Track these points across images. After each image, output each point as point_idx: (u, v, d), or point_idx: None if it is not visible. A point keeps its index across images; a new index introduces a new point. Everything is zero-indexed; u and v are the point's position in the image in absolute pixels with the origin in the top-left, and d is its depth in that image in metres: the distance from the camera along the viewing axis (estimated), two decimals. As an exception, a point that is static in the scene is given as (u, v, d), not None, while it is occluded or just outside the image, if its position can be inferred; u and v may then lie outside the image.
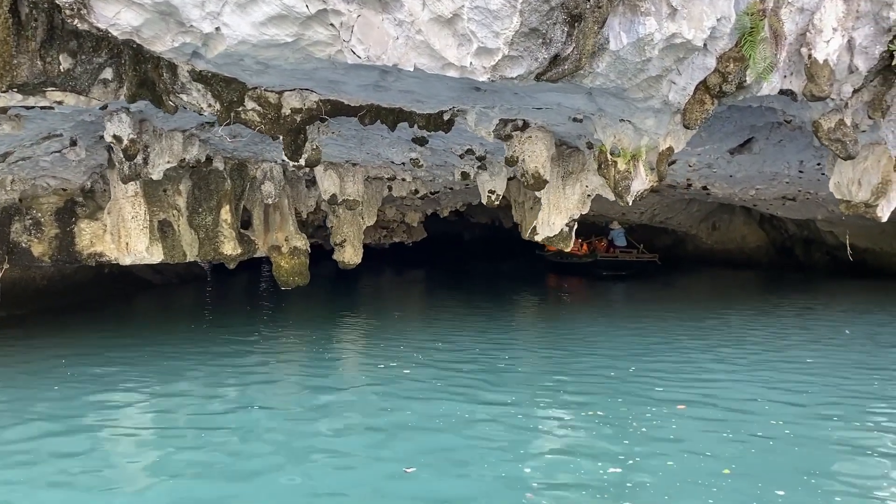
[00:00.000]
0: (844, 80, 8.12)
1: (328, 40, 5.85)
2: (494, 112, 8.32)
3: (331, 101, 7.41)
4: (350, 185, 12.15)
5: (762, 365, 10.27)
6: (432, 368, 9.73)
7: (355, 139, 10.26)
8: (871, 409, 8.06)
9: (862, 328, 13.87)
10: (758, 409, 7.97)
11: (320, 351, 11.11)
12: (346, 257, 14.28)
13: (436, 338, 12.16)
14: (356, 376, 9.50)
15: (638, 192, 8.66)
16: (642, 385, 8.94)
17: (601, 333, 12.67)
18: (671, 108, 7.88)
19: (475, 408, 7.86)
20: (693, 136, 12.06)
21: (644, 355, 10.73)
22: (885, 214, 10.29)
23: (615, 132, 8.49)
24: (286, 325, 13.79)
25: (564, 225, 10.30)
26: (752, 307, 16.69)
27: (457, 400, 8.17)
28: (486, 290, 21.73)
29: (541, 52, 6.18)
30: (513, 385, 8.91)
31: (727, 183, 17.04)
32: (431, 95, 7.50)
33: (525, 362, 10.27)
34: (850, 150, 8.86)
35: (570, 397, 8.39)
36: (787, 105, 9.14)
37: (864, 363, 10.41)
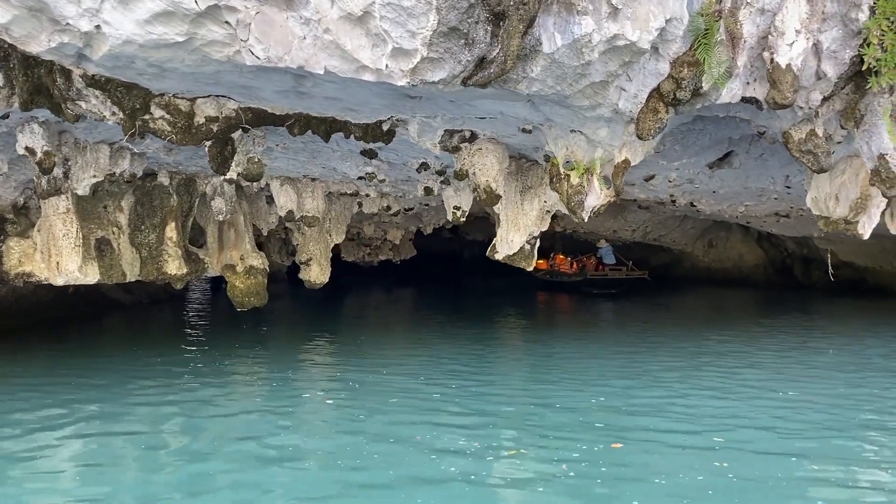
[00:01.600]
0: (812, 86, 7.54)
1: (225, 40, 5.33)
2: (437, 122, 7.78)
3: (251, 108, 6.88)
4: (309, 201, 11.62)
5: (737, 395, 9.61)
6: (360, 399, 9.16)
7: (305, 152, 9.74)
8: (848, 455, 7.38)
9: (854, 356, 13.19)
10: (720, 446, 7.34)
11: (265, 379, 10.65)
12: (313, 276, 13.72)
13: (388, 362, 11.61)
14: (277, 404, 8.94)
15: (593, 207, 8.08)
16: (609, 415, 8.37)
17: (580, 360, 12.02)
18: (623, 117, 7.31)
19: (373, 446, 7.25)
20: (667, 150, 11.52)
21: (620, 383, 10.14)
22: (866, 232, 9.65)
23: (567, 144, 7.93)
24: (245, 348, 13.19)
25: (525, 242, 9.70)
26: (741, 330, 15.99)
27: (357, 434, 7.58)
28: (469, 310, 21.13)
29: (464, 54, 5.63)
30: (454, 429, 8.16)
31: (714, 199, 16.43)
32: (361, 103, 6.96)
33: (474, 396, 9.53)
34: (823, 162, 8.26)
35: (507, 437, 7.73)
36: (756, 115, 8.56)
37: (849, 399, 9.61)
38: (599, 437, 7.56)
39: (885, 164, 7.76)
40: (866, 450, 7.32)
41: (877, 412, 8.70)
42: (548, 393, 9.56)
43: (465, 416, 8.39)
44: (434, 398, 9.26)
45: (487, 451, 7.05)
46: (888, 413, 8.59)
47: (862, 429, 7.99)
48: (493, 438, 7.52)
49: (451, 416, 8.43)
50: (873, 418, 8.41)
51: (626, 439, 7.50)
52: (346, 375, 10.81)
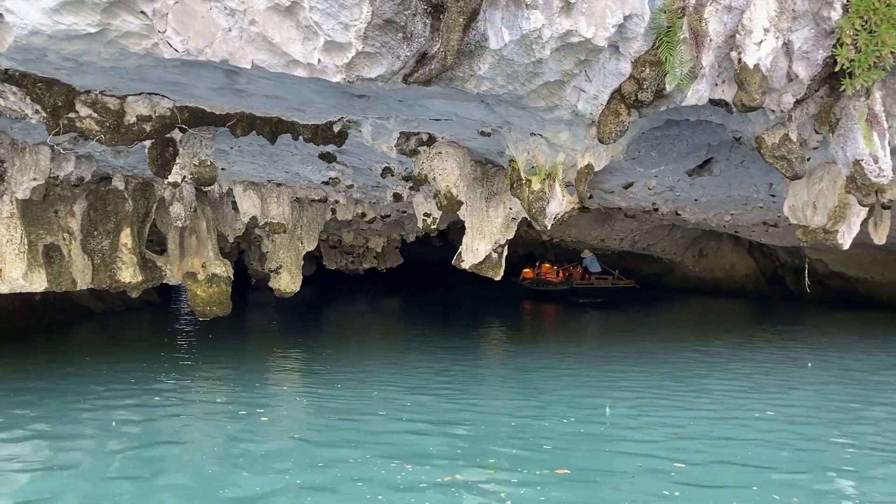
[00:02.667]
0: (784, 88, 7.18)
1: (142, 31, 4.96)
2: (392, 124, 7.41)
3: (188, 107, 6.51)
4: (274, 207, 11.24)
5: (709, 415, 9.15)
6: (301, 420, 8.75)
7: (263, 155, 9.37)
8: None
9: (835, 370, 12.80)
10: (677, 473, 6.92)
11: (214, 392, 10.29)
12: (283, 285, 13.33)
13: (347, 376, 11.21)
14: (209, 425, 8.51)
15: (556, 214, 7.71)
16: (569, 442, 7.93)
17: (553, 377, 11.52)
18: (584, 119, 6.95)
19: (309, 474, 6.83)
20: (644, 156, 11.16)
21: (589, 402, 9.69)
22: (846, 242, 9.28)
23: (528, 148, 7.57)
24: (210, 360, 12.76)
25: (492, 251, 9.32)
26: (724, 343, 15.56)
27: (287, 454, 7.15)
28: (452, 320, 20.74)
29: (402, 49, 5.28)
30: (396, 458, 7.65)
31: (698, 208, 16.06)
32: (306, 103, 6.60)
33: (426, 415, 8.98)
34: (797, 168, 7.89)
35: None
36: (728, 119, 8.20)
37: (824, 424, 8.84)
38: (549, 461, 7.09)
39: (861, 171, 7.40)
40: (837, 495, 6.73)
41: (851, 444, 7.84)
42: (509, 413, 9.10)
43: (410, 437, 7.89)
44: (379, 416, 8.78)
45: (421, 478, 6.56)
46: (864, 449, 7.67)
47: (834, 469, 7.22)
48: (432, 463, 6.99)
49: (393, 436, 7.93)
50: (846, 457, 7.47)
51: (576, 464, 6.97)
52: (300, 389, 10.44)
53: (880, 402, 9.55)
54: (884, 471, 6.95)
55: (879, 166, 7.31)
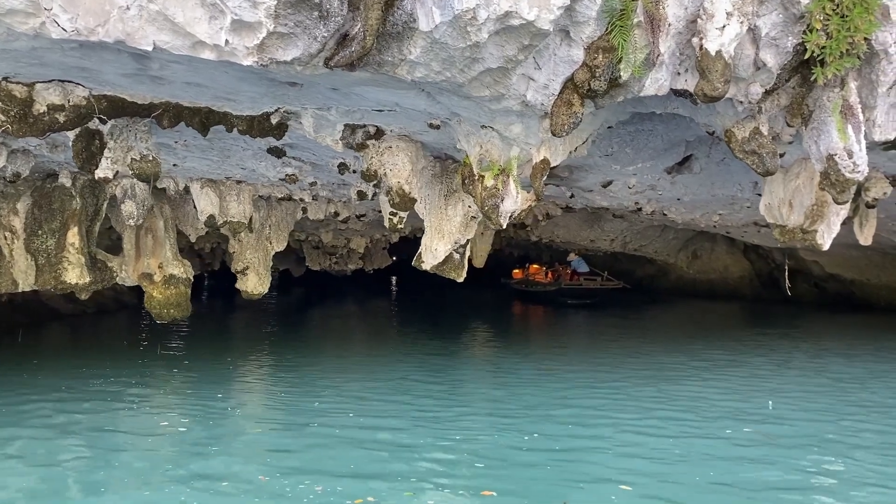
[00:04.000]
0: (751, 78, 6.72)
1: (27, 9, 4.52)
2: (334, 115, 6.96)
3: (106, 96, 6.08)
4: (234, 206, 10.80)
5: (682, 431, 8.55)
6: (237, 432, 8.23)
7: (214, 150, 8.93)
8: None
9: (823, 378, 12.30)
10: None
11: (170, 398, 9.80)
12: (250, 287, 12.89)
13: (307, 383, 10.75)
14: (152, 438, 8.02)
15: (510, 212, 7.25)
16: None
17: (528, 387, 10.90)
18: (536, 111, 6.50)
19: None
20: (618, 153, 10.69)
21: (561, 413, 9.12)
22: (825, 242, 8.80)
23: (480, 141, 7.12)
24: (174, 365, 12.31)
25: (453, 251, 8.85)
26: (710, 349, 15.00)
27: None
28: (437, 322, 20.26)
29: (319, 29, 4.82)
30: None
31: (684, 208, 15.59)
32: (232, 91, 6.16)
33: (370, 431, 8.31)
34: (768, 163, 7.42)
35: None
36: (695, 111, 7.75)
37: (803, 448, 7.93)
38: (477, 481, 6.50)
39: (835, 166, 6.93)
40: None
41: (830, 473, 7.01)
42: (472, 427, 8.46)
43: (333, 453, 7.28)
44: (312, 426, 8.24)
45: (329, 500, 6.01)
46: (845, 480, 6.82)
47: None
48: (346, 483, 6.40)
49: (315, 451, 7.35)
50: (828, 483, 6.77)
51: (507, 486, 6.36)
52: (249, 397, 9.97)
53: (868, 424, 8.82)
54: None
55: (854, 161, 6.83)
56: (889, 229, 18.05)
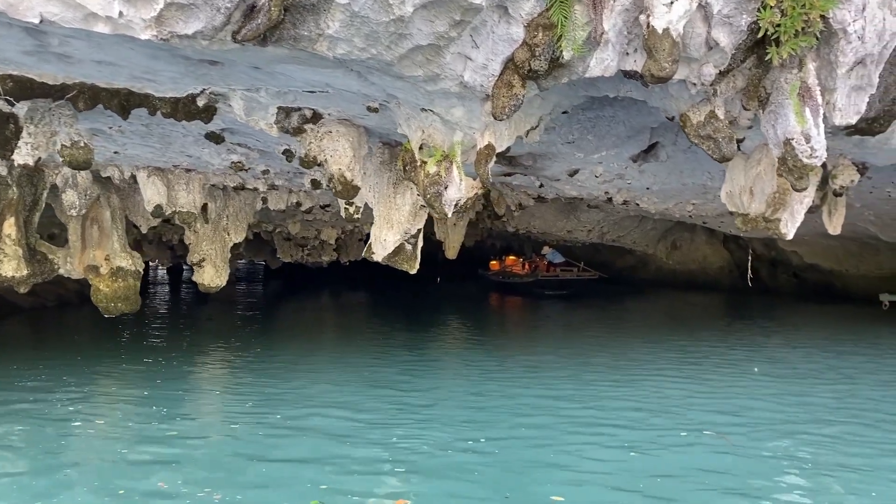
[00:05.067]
0: (704, 58, 6.38)
1: None
2: (264, 97, 6.58)
3: (12, 76, 5.68)
4: (183, 195, 10.40)
5: (636, 432, 8.17)
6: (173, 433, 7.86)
7: (153, 136, 8.53)
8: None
9: (785, 373, 12.05)
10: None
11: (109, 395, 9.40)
12: (207, 279, 12.49)
13: (250, 381, 10.36)
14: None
15: (455, 201, 6.90)
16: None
17: (490, 386, 10.49)
18: (476, 93, 6.14)
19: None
20: (580, 140, 10.34)
21: (507, 423, 8.54)
22: (790, 231, 8.50)
23: (421, 125, 6.76)
24: (122, 364, 11.85)
25: (405, 242, 8.50)
26: (681, 342, 14.70)
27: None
28: (413, 317, 19.88)
29: (223, 0, 4.44)
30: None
31: (657, 197, 15.29)
32: (148, 70, 5.77)
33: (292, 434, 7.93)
34: (725, 149, 7.11)
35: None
36: (649, 95, 7.41)
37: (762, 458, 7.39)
38: (395, 488, 6.16)
39: (792, 152, 6.61)
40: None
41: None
42: (415, 427, 8.04)
43: (249, 463, 6.90)
44: (230, 432, 7.83)
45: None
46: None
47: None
48: (259, 495, 6.07)
49: (233, 461, 6.96)
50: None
51: (427, 494, 6.07)
52: (193, 396, 9.60)
53: (832, 430, 8.23)
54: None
55: (812, 146, 6.52)
56: (865, 219, 17.84)
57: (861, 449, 7.36)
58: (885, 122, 7.41)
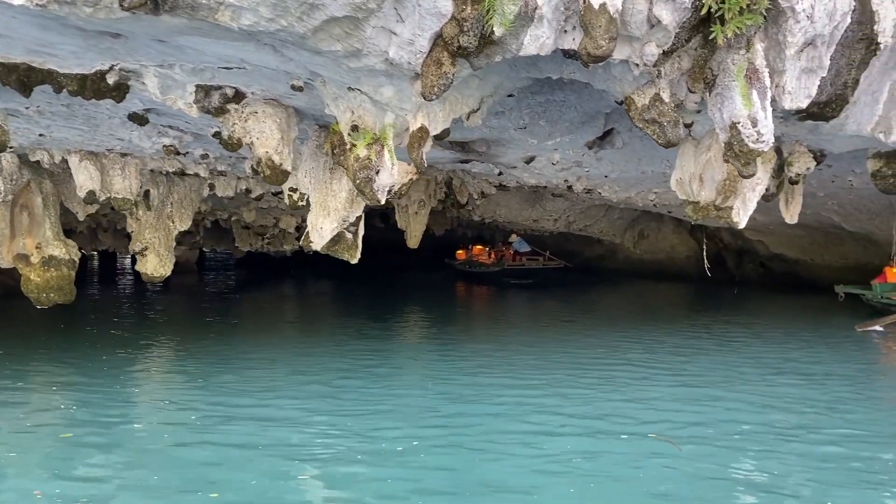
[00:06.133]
0: (646, 37, 6.06)
1: None
2: (180, 75, 6.14)
3: None
4: (118, 181, 9.91)
5: (572, 430, 7.76)
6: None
7: (77, 118, 8.04)
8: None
9: (729, 363, 11.86)
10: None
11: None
12: (150, 268, 12.00)
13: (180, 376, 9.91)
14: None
15: (387, 186, 6.53)
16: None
17: (438, 383, 10.01)
18: (405, 71, 5.76)
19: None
20: (532, 125, 10.00)
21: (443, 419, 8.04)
22: (742, 220, 8.26)
23: (350, 106, 6.37)
24: (56, 359, 11.30)
25: (345, 230, 8.10)
26: (638, 333, 14.37)
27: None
28: (375, 307, 19.49)
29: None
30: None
31: (618, 185, 15.02)
32: (44, 43, 5.32)
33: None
34: (670, 134, 6.83)
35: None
36: (592, 76, 7.09)
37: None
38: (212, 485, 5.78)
39: (738, 136, 6.34)
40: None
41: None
42: (348, 426, 7.61)
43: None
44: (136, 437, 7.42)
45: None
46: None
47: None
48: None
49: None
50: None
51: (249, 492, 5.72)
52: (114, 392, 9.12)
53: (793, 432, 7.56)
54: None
55: (758, 130, 6.23)
56: (829, 208, 17.77)
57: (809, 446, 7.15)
58: (837, 106, 7.14)
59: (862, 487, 5.98)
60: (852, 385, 9.76)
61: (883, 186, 9.10)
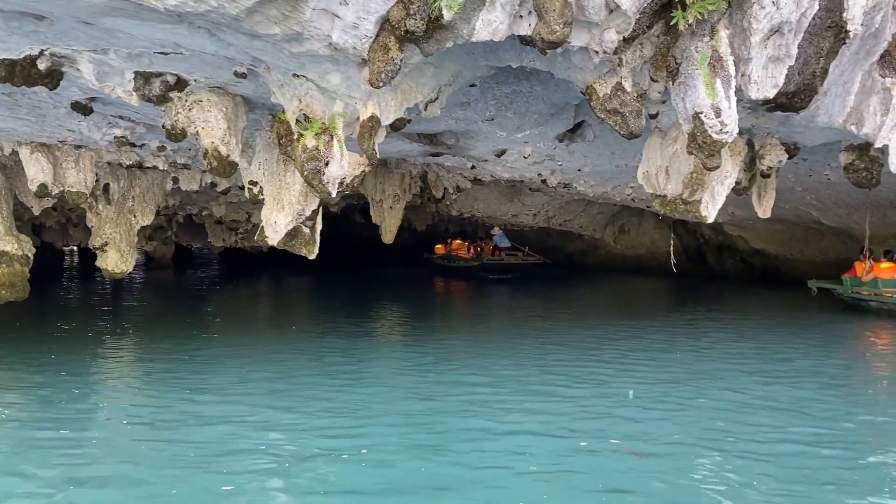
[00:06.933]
0: (605, 22, 5.81)
1: None
2: (116, 60, 5.83)
3: None
4: (72, 173, 9.57)
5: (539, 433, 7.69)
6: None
7: (21, 107, 7.68)
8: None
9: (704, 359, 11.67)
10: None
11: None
12: (111, 264, 11.65)
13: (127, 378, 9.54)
14: None
15: (338, 178, 6.25)
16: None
17: (407, 384, 9.63)
18: (351, 56, 5.49)
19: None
20: (500, 117, 9.73)
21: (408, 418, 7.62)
22: (710, 214, 8.03)
23: (297, 94, 6.09)
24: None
25: (301, 224, 7.81)
26: (612, 329, 14.04)
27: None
28: (349, 304, 19.18)
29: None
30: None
31: (594, 179, 14.81)
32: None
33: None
34: (632, 124, 6.58)
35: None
36: (553, 64, 6.84)
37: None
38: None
39: (701, 126, 6.10)
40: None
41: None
42: (298, 428, 7.29)
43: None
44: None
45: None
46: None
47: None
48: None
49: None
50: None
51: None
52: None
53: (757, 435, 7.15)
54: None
55: (722, 120, 6.00)
56: (808, 203, 17.65)
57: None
58: (806, 96, 6.93)
59: (831, 491, 5.78)
60: (826, 384, 9.58)
61: (855, 180, 8.91)
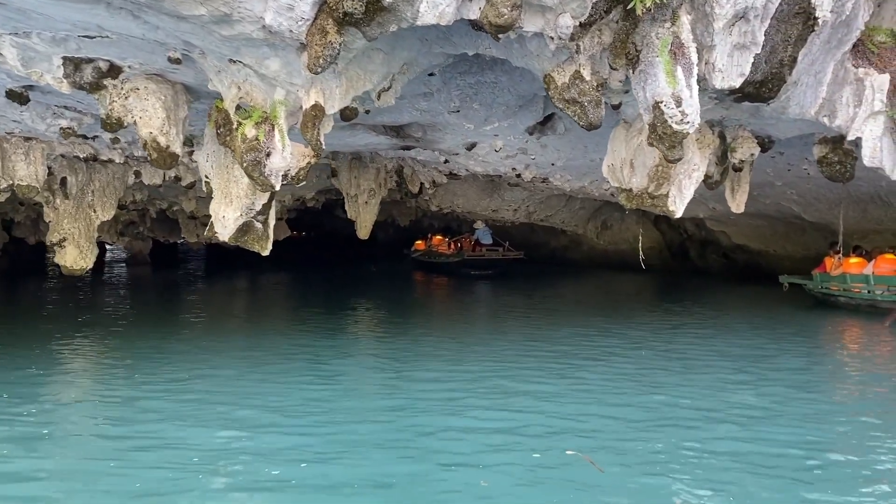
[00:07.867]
0: (559, 7, 5.52)
1: None
2: (41, 45, 5.48)
3: None
4: (22, 166, 9.20)
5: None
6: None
7: (-45, 97, 7.33)
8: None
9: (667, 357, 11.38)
10: None
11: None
12: (69, 261, 11.27)
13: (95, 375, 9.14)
14: None
15: (281, 170, 5.94)
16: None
17: (369, 386, 9.30)
18: (288, 41, 5.17)
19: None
20: (466, 108, 9.43)
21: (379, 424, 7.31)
22: (678, 209, 7.76)
23: (235, 81, 5.76)
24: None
25: (253, 219, 7.48)
26: (585, 327, 13.71)
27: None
28: (325, 300, 18.85)
29: None
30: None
31: (570, 174, 14.55)
32: None
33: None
34: (591, 115, 6.29)
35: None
36: (509, 51, 6.54)
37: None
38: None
39: (661, 116, 5.82)
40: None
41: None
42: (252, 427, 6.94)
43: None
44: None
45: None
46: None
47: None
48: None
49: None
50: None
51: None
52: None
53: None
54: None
55: (682, 110, 5.72)
56: (789, 198, 17.46)
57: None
58: (774, 86, 6.66)
59: (805, 489, 5.50)
60: (800, 383, 9.31)
61: (829, 173, 8.67)
